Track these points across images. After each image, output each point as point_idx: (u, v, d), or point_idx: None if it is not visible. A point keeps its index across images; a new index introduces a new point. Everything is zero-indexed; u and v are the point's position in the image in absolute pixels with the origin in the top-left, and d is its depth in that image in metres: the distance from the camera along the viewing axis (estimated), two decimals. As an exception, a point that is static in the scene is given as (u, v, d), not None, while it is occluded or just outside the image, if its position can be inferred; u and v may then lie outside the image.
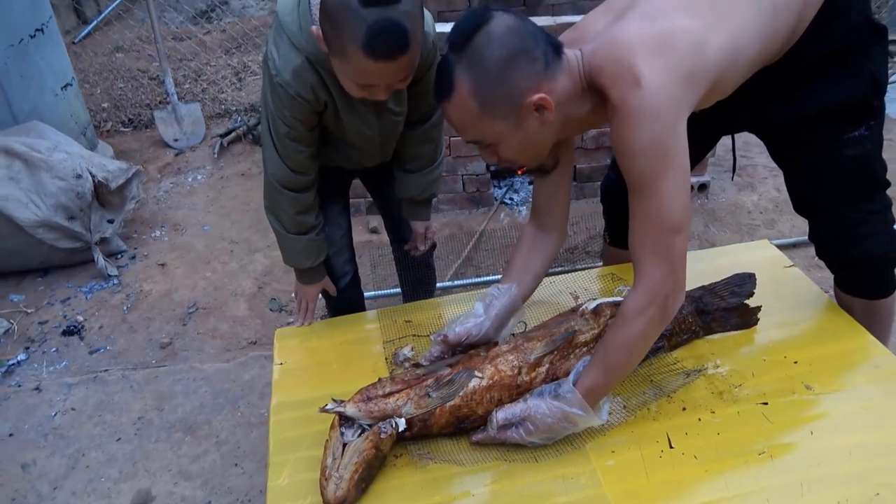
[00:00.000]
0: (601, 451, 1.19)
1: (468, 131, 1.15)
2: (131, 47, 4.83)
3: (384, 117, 1.42)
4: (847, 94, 1.28)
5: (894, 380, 1.29)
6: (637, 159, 1.07)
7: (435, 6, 3.03)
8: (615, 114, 1.08)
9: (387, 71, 1.13)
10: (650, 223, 1.09)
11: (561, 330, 1.27)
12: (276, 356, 1.50)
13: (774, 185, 2.90)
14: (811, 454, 1.16)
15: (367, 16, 1.05)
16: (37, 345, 2.29)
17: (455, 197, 2.89)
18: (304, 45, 1.24)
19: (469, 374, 1.20)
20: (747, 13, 1.14)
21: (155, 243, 2.82)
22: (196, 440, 1.89)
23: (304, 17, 1.22)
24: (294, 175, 1.41)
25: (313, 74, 1.26)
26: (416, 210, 1.68)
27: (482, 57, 1.06)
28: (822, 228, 1.48)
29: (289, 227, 1.49)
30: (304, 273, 1.59)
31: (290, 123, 1.32)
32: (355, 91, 1.21)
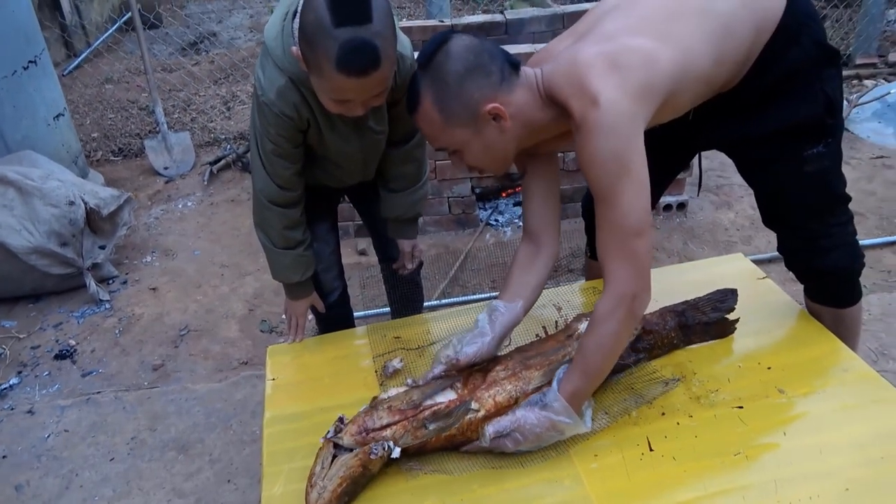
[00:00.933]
0: (584, 455, 1.23)
1: (436, 140, 1.27)
2: (121, 79, 4.90)
3: (365, 135, 1.48)
4: (803, 114, 1.36)
5: (862, 383, 1.35)
6: (599, 170, 1.15)
7: (420, 35, 3.13)
8: (577, 130, 1.16)
9: (360, 86, 1.20)
10: (614, 229, 1.16)
11: (559, 357, 1.30)
12: (268, 372, 1.54)
13: (750, 204, 2.99)
14: (784, 454, 1.21)
15: (340, 35, 1.12)
16: (29, 369, 2.31)
17: (441, 219, 2.95)
18: (288, 67, 1.31)
19: (466, 406, 1.22)
20: (696, 33, 1.24)
21: (146, 268, 2.85)
22: (189, 458, 1.91)
23: (287, 40, 1.29)
24: (281, 191, 1.46)
25: (296, 93, 1.33)
26: (402, 229, 1.73)
27: (442, 72, 1.19)
28: (789, 241, 1.55)
29: (277, 242, 1.54)
30: (293, 288, 1.63)
31: (276, 141, 1.39)
32: (332, 107, 1.27)
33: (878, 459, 1.18)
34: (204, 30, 5.95)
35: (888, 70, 4.22)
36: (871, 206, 2.91)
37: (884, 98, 3.71)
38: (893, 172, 3.18)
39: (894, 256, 2.58)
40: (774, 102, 1.36)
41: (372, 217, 1.82)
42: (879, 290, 2.39)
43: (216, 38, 5.81)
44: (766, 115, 1.37)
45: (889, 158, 3.31)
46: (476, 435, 1.23)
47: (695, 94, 1.30)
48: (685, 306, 1.47)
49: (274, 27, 1.33)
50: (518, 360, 1.32)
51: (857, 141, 3.50)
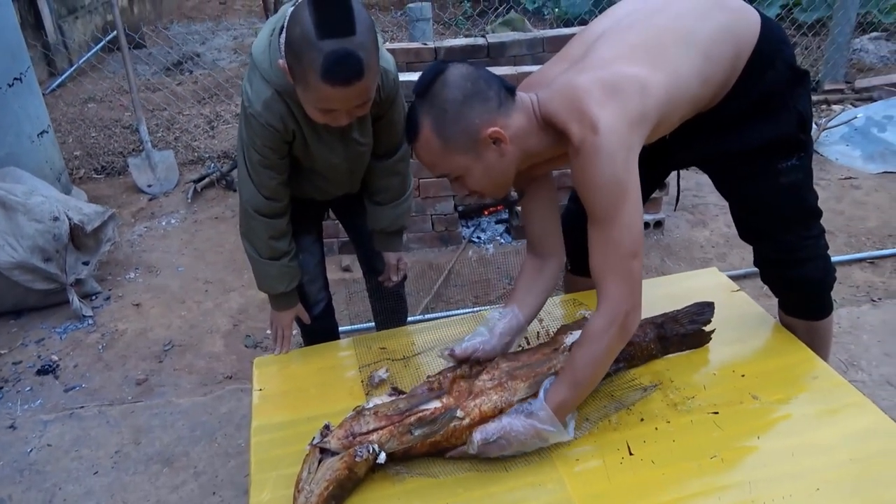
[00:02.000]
0: (567, 460, 1.27)
1: (437, 167, 1.29)
2: (104, 98, 4.91)
3: (350, 146, 1.53)
4: (779, 131, 1.43)
5: (831, 390, 1.40)
6: (598, 194, 1.19)
7: (403, 57, 3.19)
8: (576, 154, 1.21)
9: (344, 96, 1.24)
10: (611, 249, 1.20)
11: (544, 370, 1.32)
12: (255, 382, 1.56)
13: (725, 222, 3.08)
14: (758, 456, 1.25)
15: (324, 46, 1.17)
16: (10, 384, 2.30)
17: (424, 236, 2.99)
18: (274, 79, 1.35)
19: (451, 414, 1.24)
20: (684, 58, 1.30)
21: (129, 284, 2.86)
22: (174, 471, 1.91)
23: (273, 54, 1.34)
24: (267, 201, 1.49)
25: (282, 105, 1.38)
26: (387, 241, 1.77)
27: (441, 100, 1.22)
28: (764, 253, 1.61)
29: (263, 252, 1.56)
30: (278, 299, 1.66)
31: (262, 152, 1.43)
32: (318, 117, 1.31)
33: (847, 461, 1.23)
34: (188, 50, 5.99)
35: (854, 96, 4.37)
36: (839, 225, 3.01)
37: (851, 122, 3.84)
38: (861, 193, 3.29)
39: (862, 273, 2.67)
40: (752, 121, 1.43)
41: (357, 230, 1.85)
42: (849, 304, 2.47)
43: (200, 58, 5.86)
44: (743, 132, 1.44)
45: (856, 179, 3.42)
46: (461, 441, 1.26)
47: (681, 116, 1.36)
48: (664, 318, 1.51)
49: (261, 42, 1.38)
50: (504, 370, 1.34)
51: (827, 163, 3.62)
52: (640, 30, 1.32)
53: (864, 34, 5.29)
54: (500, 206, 3.11)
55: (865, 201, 3.21)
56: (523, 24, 5.19)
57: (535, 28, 5.45)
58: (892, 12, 5.32)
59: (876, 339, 2.27)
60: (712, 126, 1.44)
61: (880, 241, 2.88)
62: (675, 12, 1.35)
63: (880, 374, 2.11)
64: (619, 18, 1.38)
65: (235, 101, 4.72)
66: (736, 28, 1.36)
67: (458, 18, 6.49)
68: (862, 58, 5.01)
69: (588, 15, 5.10)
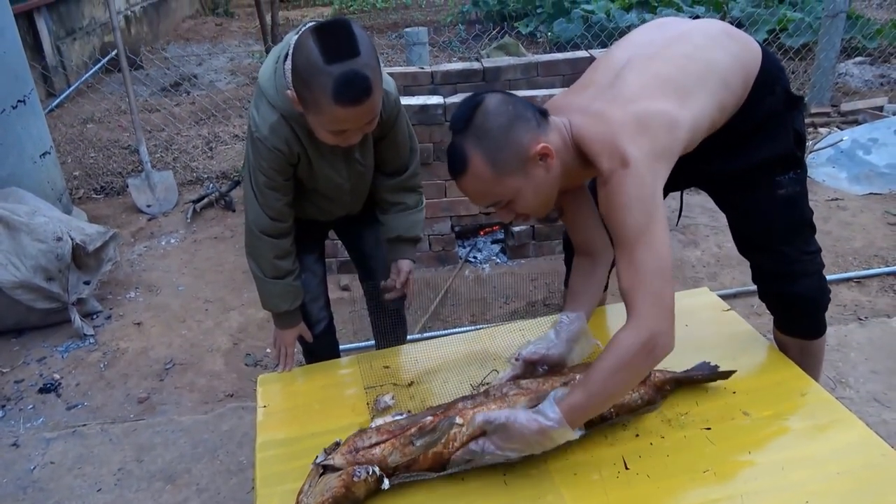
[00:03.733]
0: (564, 474, 1.30)
1: (486, 197, 1.33)
2: (103, 118, 4.96)
3: (352, 167, 1.59)
4: (778, 149, 1.53)
5: (819, 406, 1.44)
6: (627, 215, 1.23)
7: (401, 81, 3.26)
8: (605, 183, 1.27)
9: (356, 115, 1.31)
10: (640, 270, 1.21)
11: (547, 388, 1.33)
12: (259, 399, 1.59)
13: (716, 242, 3.14)
14: (749, 470, 1.29)
15: (333, 70, 1.23)
16: (13, 403, 2.32)
17: (422, 255, 3.04)
18: (280, 105, 1.42)
19: (451, 420, 1.27)
20: (705, 89, 1.39)
21: (130, 304, 2.89)
22: (176, 488, 1.94)
23: (279, 81, 1.41)
24: (272, 222, 1.55)
25: (288, 129, 1.44)
26: (401, 249, 1.76)
27: (485, 129, 1.27)
28: (764, 267, 1.66)
29: (267, 271, 1.60)
30: (282, 317, 1.69)
31: (268, 174, 1.48)
32: (330, 139, 1.37)
33: (835, 474, 1.27)
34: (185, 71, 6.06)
35: (840, 119, 4.47)
36: (826, 245, 3.07)
37: (837, 145, 3.93)
38: (847, 213, 3.37)
39: (849, 292, 2.73)
40: (753, 141, 1.53)
41: (358, 251, 1.89)
42: (836, 322, 2.53)
43: (197, 79, 5.92)
44: (746, 151, 1.53)
45: (843, 200, 3.50)
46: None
47: (698, 141, 1.44)
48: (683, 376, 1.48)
49: (267, 70, 1.44)
50: (509, 386, 1.37)
51: (814, 184, 3.70)
52: (664, 59, 1.40)
53: (849, 59, 5.42)
54: (497, 227, 3.17)
55: (851, 222, 3.29)
56: (518, 49, 5.28)
57: (529, 51, 5.55)
58: (876, 37, 5.45)
59: (863, 357, 2.33)
60: (718, 147, 1.51)
61: (866, 261, 2.95)
62: (695, 43, 1.43)
63: (867, 390, 2.17)
64: (641, 45, 1.46)
65: (233, 122, 4.78)
66: (744, 57, 1.46)
67: (453, 42, 6.60)
68: (847, 82, 5.12)
69: (580, 39, 5.20)
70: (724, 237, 3.18)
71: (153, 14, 7.99)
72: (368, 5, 9.43)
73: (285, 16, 8.79)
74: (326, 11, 9.45)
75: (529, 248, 3.08)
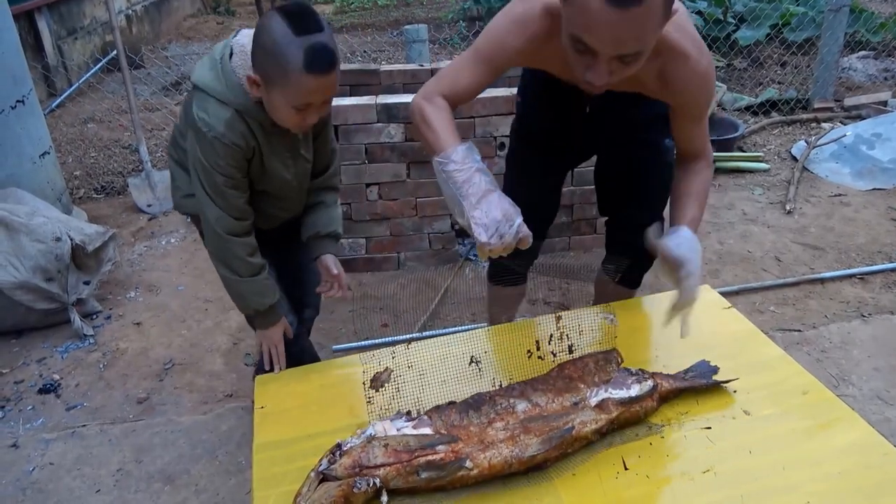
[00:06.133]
0: (563, 475, 1.29)
1: (639, 41, 1.17)
2: (103, 118, 4.96)
3: (299, 162, 1.63)
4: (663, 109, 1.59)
5: (820, 404, 1.43)
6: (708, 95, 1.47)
7: (400, 78, 3.25)
8: (696, 65, 1.40)
9: (323, 85, 1.38)
10: (706, 130, 1.54)
11: (560, 424, 1.29)
12: (257, 400, 1.58)
13: (717, 239, 3.13)
14: (750, 470, 1.28)
15: (303, 42, 1.32)
16: (12, 403, 2.32)
17: (421, 254, 3.03)
18: (232, 100, 1.45)
19: (460, 463, 1.23)
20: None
21: (130, 304, 2.88)
22: (175, 489, 1.94)
23: (228, 77, 1.45)
24: (238, 222, 1.56)
25: (243, 124, 1.47)
26: (322, 245, 1.76)
27: None
28: (633, 221, 1.78)
29: (243, 271, 1.60)
30: (266, 315, 1.67)
31: (227, 172, 1.50)
32: (292, 119, 1.43)
33: (837, 474, 1.26)
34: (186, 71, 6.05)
35: (843, 114, 4.45)
36: (829, 242, 3.06)
37: (840, 140, 3.91)
38: (850, 209, 3.35)
39: (852, 289, 2.71)
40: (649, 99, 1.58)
41: (296, 262, 1.87)
42: (839, 320, 2.51)
43: (198, 78, 5.90)
44: (648, 104, 1.58)
45: (846, 196, 3.48)
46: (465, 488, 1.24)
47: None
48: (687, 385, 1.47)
49: (207, 73, 1.48)
50: (520, 418, 1.32)
51: (817, 180, 3.68)
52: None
53: (853, 53, 5.39)
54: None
55: (855, 218, 3.26)
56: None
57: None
58: (880, 31, 5.42)
59: (866, 355, 2.31)
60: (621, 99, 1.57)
61: (870, 257, 2.93)
62: None
63: (870, 388, 2.15)
64: None
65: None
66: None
67: (454, 38, 6.58)
68: (851, 76, 5.09)
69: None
70: (725, 234, 3.17)
71: (154, 13, 7.99)
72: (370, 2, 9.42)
73: (286, 14, 8.76)
74: (327, 9, 9.44)
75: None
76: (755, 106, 4.59)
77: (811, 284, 2.74)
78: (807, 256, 2.96)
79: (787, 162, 3.94)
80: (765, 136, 4.29)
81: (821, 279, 2.76)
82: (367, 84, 3.18)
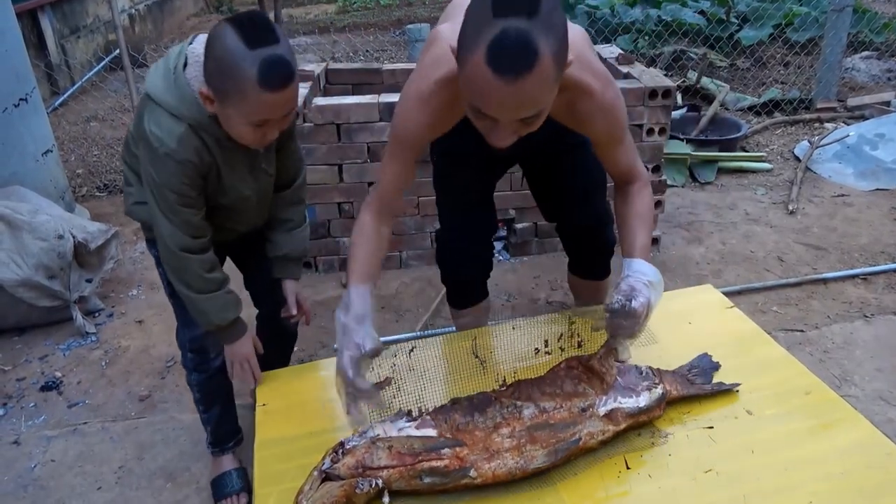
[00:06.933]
0: (564, 474, 1.29)
1: (535, 104, 1.14)
2: (106, 116, 4.97)
3: (258, 177, 1.56)
4: None
5: (823, 404, 1.43)
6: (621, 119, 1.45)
7: (403, 77, 3.24)
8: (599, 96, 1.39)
9: (281, 100, 1.30)
10: (634, 147, 1.53)
11: (567, 435, 1.28)
12: (258, 398, 1.59)
13: (720, 239, 3.12)
14: (752, 470, 1.28)
15: (258, 55, 1.23)
16: (14, 400, 2.32)
17: (423, 253, 3.03)
18: (185, 114, 1.37)
19: (465, 472, 1.22)
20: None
21: (132, 302, 2.88)
22: (177, 486, 1.94)
23: (182, 89, 1.36)
24: (194, 239, 1.48)
25: (197, 139, 1.39)
26: (288, 268, 1.74)
27: (554, 21, 1.09)
28: (581, 222, 1.89)
29: (203, 288, 1.53)
30: (232, 329, 1.61)
31: (180, 190, 1.41)
32: (250, 136, 1.35)
33: (839, 474, 1.26)
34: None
35: (847, 114, 4.44)
36: (832, 242, 3.05)
37: (843, 140, 3.90)
38: (853, 210, 3.34)
39: (855, 289, 2.70)
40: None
41: (255, 267, 1.82)
42: (841, 320, 2.51)
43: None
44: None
45: (848, 196, 3.48)
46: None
47: None
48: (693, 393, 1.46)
49: (158, 83, 1.39)
50: (526, 424, 1.30)
51: (819, 180, 3.67)
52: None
53: (857, 53, 5.38)
54: (500, 224, 3.15)
55: (857, 218, 3.26)
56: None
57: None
58: (884, 31, 5.41)
59: (869, 355, 2.30)
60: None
61: (872, 258, 2.92)
62: None
63: (873, 388, 2.15)
64: None
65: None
66: None
67: (456, 38, 6.57)
68: (854, 76, 5.09)
69: (584, 35, 5.17)
70: (727, 234, 3.16)
71: (157, 12, 8.01)
72: (372, 2, 9.43)
73: (288, 13, 8.79)
74: (330, 8, 9.45)
75: (532, 246, 3.07)
76: (758, 106, 4.58)
77: (814, 285, 2.73)
78: (809, 257, 2.95)
79: (789, 162, 3.94)
80: (768, 136, 4.28)
81: (823, 279, 2.75)
82: (370, 83, 3.18)
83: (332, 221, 2.91)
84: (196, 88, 1.34)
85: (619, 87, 1.47)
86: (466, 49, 1.11)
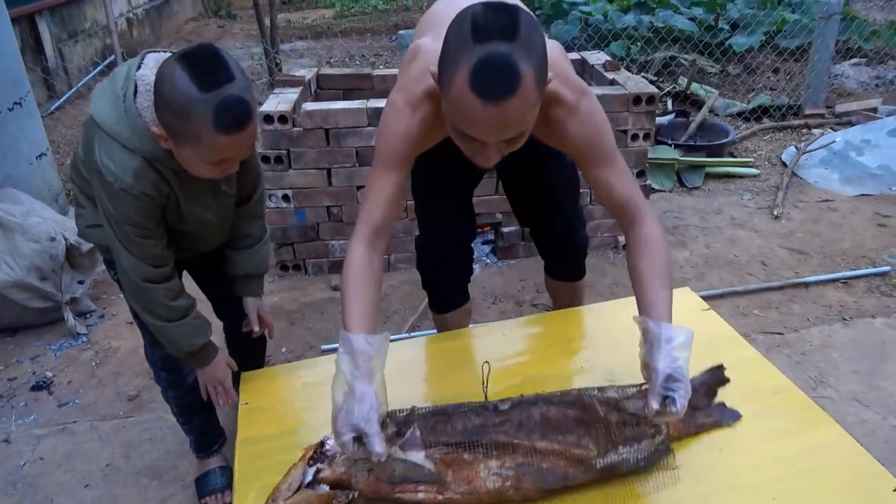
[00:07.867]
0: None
1: (519, 125, 1.15)
2: (102, 119, 4.99)
3: (220, 200, 1.52)
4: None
5: (792, 404, 1.46)
6: (606, 138, 1.40)
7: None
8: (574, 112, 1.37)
9: (238, 142, 1.25)
10: (630, 175, 1.43)
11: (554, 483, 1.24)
12: (241, 397, 1.62)
13: (704, 243, 3.16)
14: (719, 468, 1.30)
15: (210, 99, 1.17)
16: (5, 400, 2.35)
17: (411, 256, 3.05)
18: (139, 146, 1.31)
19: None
20: None
21: (123, 303, 2.90)
22: (162, 484, 1.97)
23: (133, 121, 1.30)
24: (156, 269, 1.45)
25: (153, 172, 1.35)
26: (249, 285, 1.73)
27: (535, 44, 1.11)
28: (554, 227, 1.92)
29: (169, 316, 1.50)
30: (204, 352, 1.60)
31: (138, 223, 1.38)
32: (209, 172, 1.31)
33: (804, 472, 1.28)
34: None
35: (834, 120, 4.48)
36: (815, 246, 3.09)
37: (830, 146, 3.94)
38: (838, 215, 3.38)
39: (836, 293, 2.74)
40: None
41: (218, 282, 1.79)
42: (821, 323, 2.54)
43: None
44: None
45: (833, 202, 3.52)
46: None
47: None
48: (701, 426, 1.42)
49: (108, 111, 1.32)
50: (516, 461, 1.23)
51: (805, 186, 3.72)
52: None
53: (846, 60, 5.43)
54: (487, 228, 3.19)
55: (841, 223, 3.30)
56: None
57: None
58: (872, 38, 5.46)
59: (845, 358, 2.34)
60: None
61: (854, 262, 2.96)
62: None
63: (848, 390, 2.18)
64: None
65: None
66: None
67: (451, 43, 6.61)
68: (843, 83, 5.14)
69: (575, 42, 5.22)
70: (712, 238, 3.20)
71: (155, 16, 8.05)
72: (370, 7, 9.48)
73: (286, 18, 8.84)
74: (328, 13, 9.50)
75: (519, 249, 3.11)
76: (747, 112, 4.63)
77: (795, 288, 2.77)
78: (792, 261, 2.99)
79: (777, 167, 3.98)
80: (755, 142, 4.33)
81: (805, 283, 2.79)
82: (360, 88, 3.22)
83: (321, 224, 2.94)
84: (148, 120, 1.29)
85: (605, 94, 1.47)
86: (448, 74, 1.12)
